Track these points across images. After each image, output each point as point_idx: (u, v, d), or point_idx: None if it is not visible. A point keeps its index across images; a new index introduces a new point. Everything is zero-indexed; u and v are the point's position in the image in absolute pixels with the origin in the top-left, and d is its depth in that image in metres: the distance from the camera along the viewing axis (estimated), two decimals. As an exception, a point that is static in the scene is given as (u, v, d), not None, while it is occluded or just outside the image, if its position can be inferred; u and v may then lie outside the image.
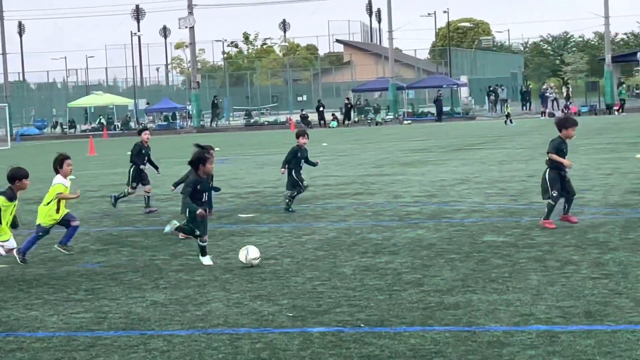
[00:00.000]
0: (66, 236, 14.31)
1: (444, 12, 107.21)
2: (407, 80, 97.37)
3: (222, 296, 10.78)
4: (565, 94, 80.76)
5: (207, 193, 13.28)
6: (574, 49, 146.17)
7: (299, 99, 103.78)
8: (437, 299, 10.14)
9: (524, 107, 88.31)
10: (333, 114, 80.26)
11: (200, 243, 13.04)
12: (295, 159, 19.06)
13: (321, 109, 79.95)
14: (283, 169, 19.10)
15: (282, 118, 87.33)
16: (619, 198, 18.61)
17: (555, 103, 79.05)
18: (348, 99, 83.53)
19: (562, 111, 75.44)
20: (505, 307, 9.59)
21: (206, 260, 12.98)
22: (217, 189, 14.78)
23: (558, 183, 14.92)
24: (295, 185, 18.98)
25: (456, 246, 13.67)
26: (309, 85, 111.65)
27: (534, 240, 13.92)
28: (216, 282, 11.71)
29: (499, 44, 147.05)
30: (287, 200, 18.92)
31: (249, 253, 12.77)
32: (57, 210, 14.03)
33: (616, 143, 36.45)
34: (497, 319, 9.12)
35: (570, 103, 77.51)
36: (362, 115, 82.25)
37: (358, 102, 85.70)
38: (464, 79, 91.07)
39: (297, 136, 19.45)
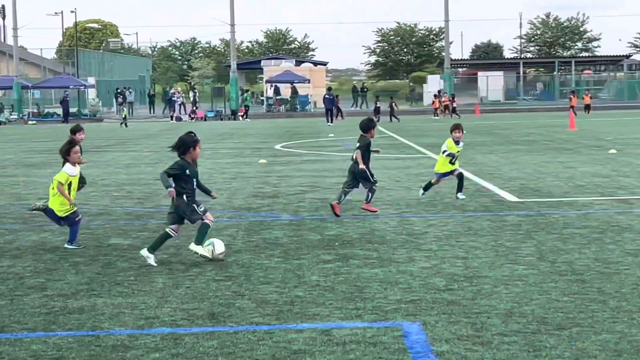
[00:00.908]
0: (72, 233, 13.61)
1: (72, 12, 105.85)
2: (33, 79, 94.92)
3: None
4: (192, 99, 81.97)
5: (196, 180, 12.28)
6: (201, 54, 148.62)
7: None
8: (60, 303, 9.97)
9: (152, 110, 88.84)
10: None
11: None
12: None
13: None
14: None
15: None
16: (242, 202, 19.12)
17: (182, 107, 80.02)
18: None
19: (190, 116, 76.62)
20: (130, 310, 9.59)
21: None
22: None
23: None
24: None
25: (81, 249, 13.49)
26: None
27: (159, 243, 14.00)
28: None
29: (127, 46, 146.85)
30: None
31: (215, 248, 12.23)
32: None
33: (240, 148, 37.43)
34: (121, 322, 9.10)
35: (196, 108, 78.82)
36: (-16, 114, 79.29)
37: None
38: (91, 80, 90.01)
39: (74, 132, 18.09)
